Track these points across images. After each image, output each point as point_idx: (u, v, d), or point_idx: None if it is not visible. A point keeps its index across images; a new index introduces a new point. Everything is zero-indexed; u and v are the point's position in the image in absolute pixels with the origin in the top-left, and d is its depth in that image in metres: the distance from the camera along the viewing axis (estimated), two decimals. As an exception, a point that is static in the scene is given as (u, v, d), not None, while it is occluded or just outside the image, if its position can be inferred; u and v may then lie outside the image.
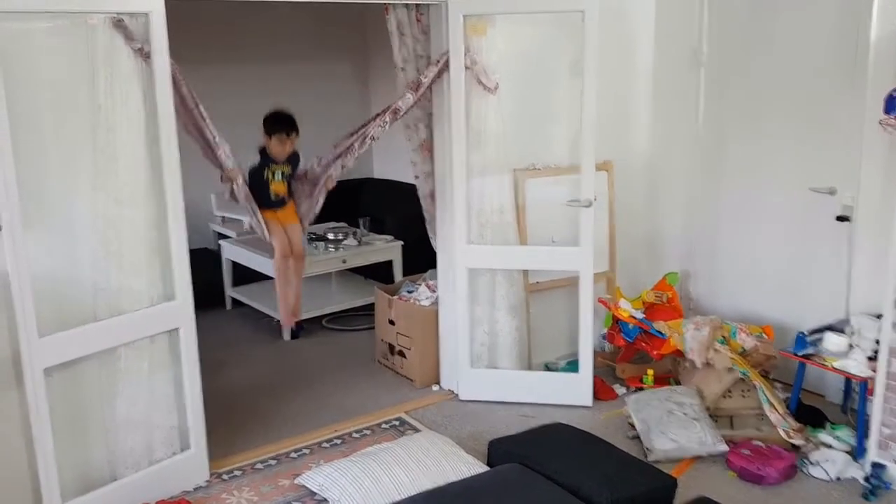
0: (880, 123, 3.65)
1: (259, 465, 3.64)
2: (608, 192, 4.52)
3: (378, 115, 4.00)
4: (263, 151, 4.08)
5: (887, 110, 3.62)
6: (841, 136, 3.98)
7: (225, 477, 3.53)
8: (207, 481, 3.48)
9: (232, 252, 5.77)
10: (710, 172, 4.75)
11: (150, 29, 3.02)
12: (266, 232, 4.02)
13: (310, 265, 5.36)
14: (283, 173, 4.11)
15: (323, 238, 5.68)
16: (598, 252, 4.19)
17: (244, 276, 5.79)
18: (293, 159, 4.16)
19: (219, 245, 5.93)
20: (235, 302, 5.86)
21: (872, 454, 3.43)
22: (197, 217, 6.20)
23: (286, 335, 5.29)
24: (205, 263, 5.67)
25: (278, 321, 5.32)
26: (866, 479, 3.37)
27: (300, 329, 5.34)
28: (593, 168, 3.96)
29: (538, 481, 3.06)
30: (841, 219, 4.03)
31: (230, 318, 5.76)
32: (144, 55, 3.04)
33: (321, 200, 4.21)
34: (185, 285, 3.27)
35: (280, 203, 4.13)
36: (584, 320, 4.11)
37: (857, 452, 3.57)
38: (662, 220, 4.91)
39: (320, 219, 6.12)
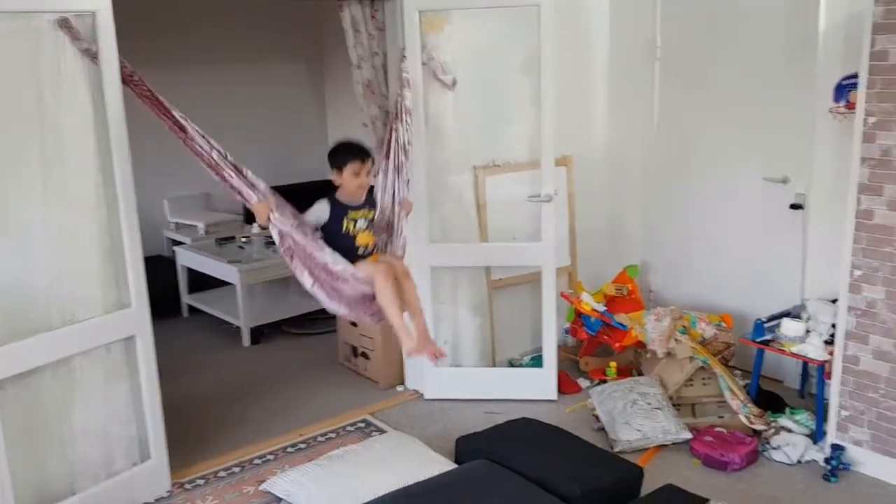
0: (830, 112, 3.74)
1: (222, 473, 3.57)
2: (568, 187, 4.54)
3: (393, 122, 3.74)
4: (332, 198, 3.37)
5: (836, 99, 3.71)
6: (792, 126, 4.05)
7: (187, 486, 3.45)
8: (169, 492, 3.40)
9: (187, 258, 5.65)
10: (666, 165, 4.80)
11: (97, 28, 2.94)
12: (355, 271, 3.29)
13: (268, 270, 5.31)
14: (366, 220, 3.37)
15: (281, 241, 5.59)
16: (559, 247, 4.21)
17: (200, 282, 5.68)
18: (371, 199, 3.44)
19: (173, 252, 5.82)
20: (192, 309, 5.75)
21: (832, 436, 3.50)
22: (150, 223, 6.07)
23: (246, 341, 5.20)
24: (159, 271, 5.55)
25: (237, 327, 5.23)
26: (826, 461, 3.44)
27: (260, 334, 5.26)
28: (553, 163, 3.97)
29: (507, 476, 3.05)
30: (794, 207, 4.11)
31: (187, 325, 5.64)
32: (92, 56, 2.96)
33: (405, 228, 3.65)
34: (140, 291, 3.19)
35: (368, 254, 3.39)
36: (547, 315, 4.12)
37: (816, 435, 3.64)
38: (621, 214, 4.95)
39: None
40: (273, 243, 5.52)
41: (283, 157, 6.62)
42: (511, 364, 4.53)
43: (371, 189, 3.42)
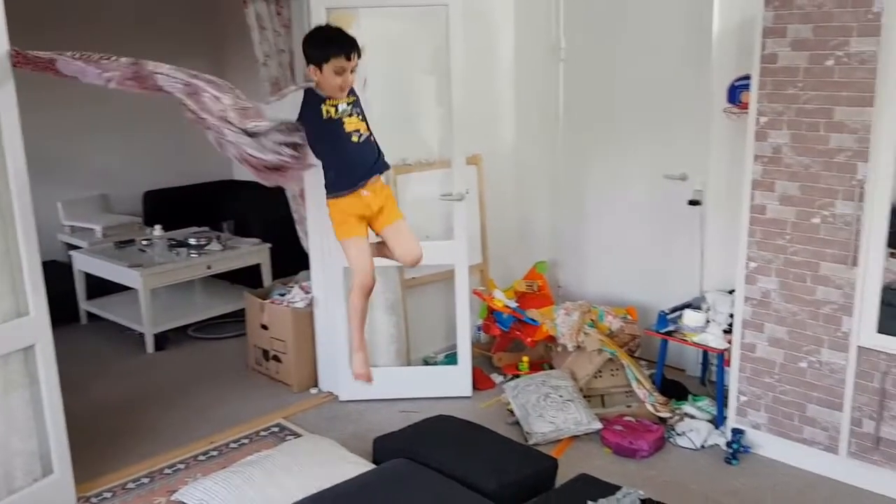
0: (724, 112, 3.93)
1: (131, 485, 3.43)
2: (478, 186, 4.59)
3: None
4: (310, 93, 2.87)
5: (730, 99, 3.90)
6: (690, 125, 4.23)
7: (94, 500, 3.31)
8: (74, 507, 3.27)
9: (84, 263, 5.41)
10: (572, 163, 4.92)
11: (-14, 21, 2.78)
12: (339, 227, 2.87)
13: (171, 273, 5.14)
14: (349, 103, 2.85)
15: (184, 244, 5.43)
16: (470, 245, 4.25)
17: (99, 287, 5.45)
18: (350, 90, 2.89)
19: (69, 256, 5.55)
20: (91, 316, 5.51)
21: (732, 421, 3.67)
22: (42, 227, 5.76)
23: (150, 347, 5.02)
24: (54, 276, 5.26)
25: (140, 333, 5.04)
26: (728, 445, 3.60)
27: (165, 340, 5.09)
28: (464, 162, 4.01)
29: (426, 474, 3.06)
30: (693, 203, 4.28)
31: (87, 332, 5.40)
32: (-20, 50, 2.80)
33: None
34: (39, 298, 3.04)
35: (370, 162, 2.89)
36: (460, 313, 4.16)
37: (717, 420, 3.81)
38: (530, 211, 5.05)
39: (179, 223, 5.91)
40: (175, 245, 5.42)
41: (185, 157, 6.44)
42: (426, 362, 4.54)
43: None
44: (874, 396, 3.20)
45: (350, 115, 2.85)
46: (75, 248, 5.64)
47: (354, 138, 2.87)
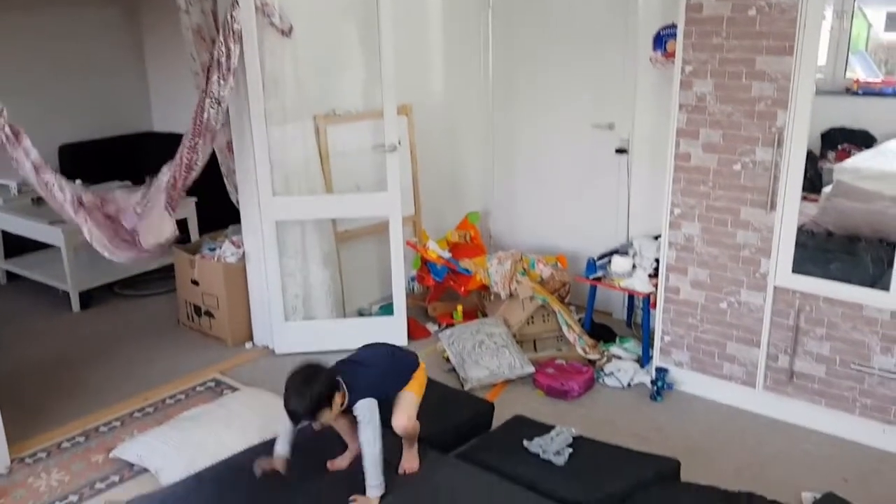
0: (650, 60, 4.01)
1: (66, 444, 3.38)
2: (409, 136, 4.58)
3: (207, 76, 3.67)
4: None
5: (655, 47, 3.97)
6: (617, 75, 4.30)
7: (28, 461, 3.25)
8: (8, 468, 3.19)
9: (0, 221, 5.20)
10: (503, 113, 4.95)
11: None
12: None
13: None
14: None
15: (107, 199, 5.26)
16: (403, 196, 4.26)
17: (18, 245, 5.26)
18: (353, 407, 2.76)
19: (-17, 214, 5.32)
20: (11, 275, 5.32)
21: (656, 360, 3.84)
22: (-48, 184, 5.51)
23: (75, 306, 4.89)
24: (-32, 235, 5.08)
25: (65, 292, 4.90)
26: (652, 383, 3.76)
27: (90, 298, 4.97)
28: (395, 112, 3.99)
29: (366, 422, 3.12)
30: (619, 151, 4.39)
31: (7, 293, 5.23)
32: None
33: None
34: (-42, 258, 2.93)
35: None
36: (395, 264, 4.18)
37: (643, 360, 3.97)
38: (461, 162, 5.07)
39: (99, 178, 5.70)
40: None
41: (102, 109, 6.19)
42: (361, 314, 4.57)
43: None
44: (789, 333, 3.40)
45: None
46: (-10, 205, 5.40)
47: None
